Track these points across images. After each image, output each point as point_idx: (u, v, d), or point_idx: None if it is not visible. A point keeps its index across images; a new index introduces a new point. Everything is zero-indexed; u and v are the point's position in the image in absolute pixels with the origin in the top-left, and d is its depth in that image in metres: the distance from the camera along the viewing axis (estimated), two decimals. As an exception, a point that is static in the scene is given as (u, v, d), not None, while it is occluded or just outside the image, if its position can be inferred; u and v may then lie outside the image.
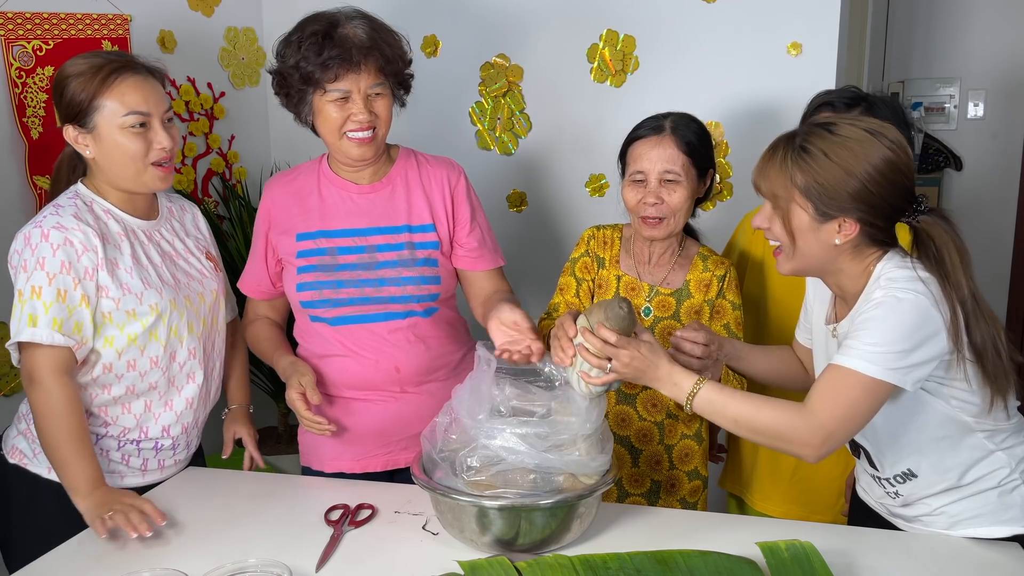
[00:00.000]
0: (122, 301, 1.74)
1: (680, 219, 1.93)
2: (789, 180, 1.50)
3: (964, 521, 1.61)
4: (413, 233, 1.97)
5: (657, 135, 1.91)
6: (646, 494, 2.04)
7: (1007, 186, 4.50)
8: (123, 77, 1.73)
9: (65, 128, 1.75)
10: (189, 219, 1.98)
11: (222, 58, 2.96)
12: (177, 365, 1.84)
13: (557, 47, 2.79)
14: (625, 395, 1.98)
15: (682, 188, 1.90)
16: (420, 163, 2.04)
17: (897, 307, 1.46)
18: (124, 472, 1.85)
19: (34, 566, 1.56)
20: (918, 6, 4.57)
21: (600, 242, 2.04)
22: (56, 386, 1.68)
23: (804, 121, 2.03)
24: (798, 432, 1.48)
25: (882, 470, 1.65)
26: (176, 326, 1.81)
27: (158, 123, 1.76)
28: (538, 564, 1.42)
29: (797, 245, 1.54)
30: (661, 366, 1.57)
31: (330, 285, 1.94)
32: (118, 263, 1.75)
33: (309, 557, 1.57)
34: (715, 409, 1.54)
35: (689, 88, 2.67)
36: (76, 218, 1.71)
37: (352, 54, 1.83)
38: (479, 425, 1.55)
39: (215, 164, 2.96)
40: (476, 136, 2.93)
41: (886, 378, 1.44)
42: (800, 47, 2.56)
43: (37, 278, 1.67)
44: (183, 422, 1.88)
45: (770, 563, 1.42)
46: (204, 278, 1.91)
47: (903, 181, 1.49)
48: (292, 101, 1.93)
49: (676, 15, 2.66)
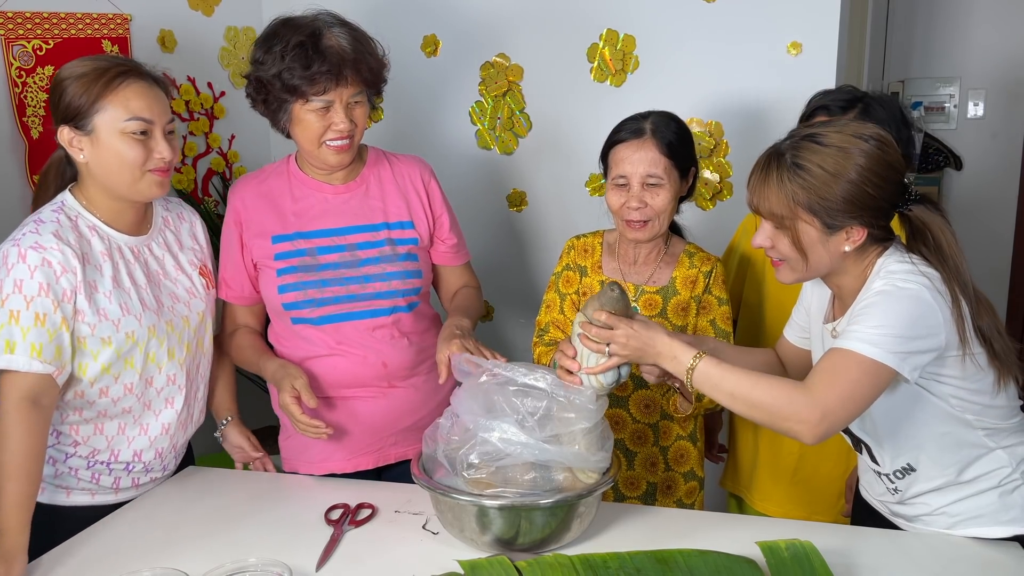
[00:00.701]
0: (97, 327, 1.66)
1: (664, 220, 1.93)
2: (791, 199, 1.49)
3: (965, 521, 1.61)
4: (392, 230, 1.99)
5: (638, 138, 1.90)
6: (642, 496, 2.03)
7: (1007, 186, 4.50)
8: (128, 82, 1.68)
9: (60, 130, 1.69)
10: (186, 229, 1.91)
11: (222, 57, 2.96)
12: (154, 391, 1.78)
13: (557, 47, 2.79)
14: (617, 398, 1.98)
15: (665, 190, 1.90)
16: (391, 162, 2.06)
17: (899, 295, 1.46)
18: (95, 490, 1.78)
19: (34, 567, 1.56)
20: (918, 6, 4.57)
21: (580, 251, 2.05)
22: (16, 417, 1.57)
23: (802, 122, 2.03)
24: (795, 407, 1.45)
25: (882, 465, 1.65)
26: (154, 353, 1.75)
27: (159, 133, 1.71)
28: (538, 563, 1.42)
29: (809, 260, 1.54)
30: (659, 339, 1.56)
31: (314, 285, 1.93)
32: (97, 286, 1.68)
33: (309, 557, 1.57)
34: (713, 383, 1.52)
35: (689, 88, 2.68)
36: (56, 237, 1.63)
37: (340, 68, 1.83)
38: (477, 420, 1.55)
39: (215, 163, 2.96)
40: (476, 135, 2.93)
41: (886, 360, 1.44)
42: (800, 47, 2.55)
43: (14, 302, 1.59)
44: (157, 447, 1.82)
45: (770, 563, 1.42)
46: (192, 299, 1.84)
47: (893, 176, 1.50)
48: (270, 108, 1.91)
49: (676, 15, 2.66)
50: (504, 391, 1.57)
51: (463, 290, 2.13)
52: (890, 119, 1.92)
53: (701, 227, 2.73)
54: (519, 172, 2.93)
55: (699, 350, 1.55)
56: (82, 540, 1.65)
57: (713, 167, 2.70)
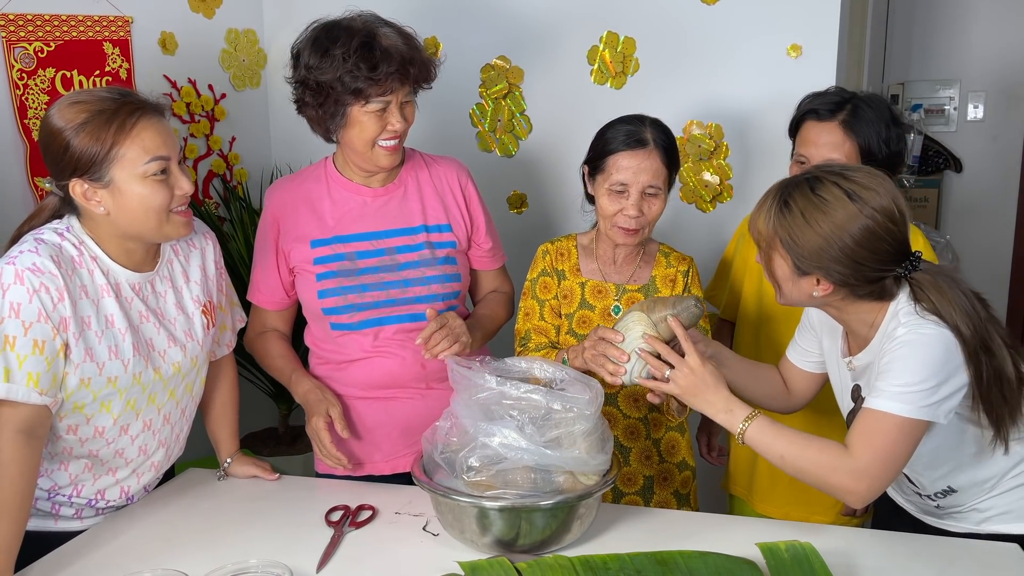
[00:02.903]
0: (81, 367, 1.55)
1: (652, 228, 1.96)
2: (772, 231, 1.53)
3: (994, 518, 1.64)
4: (430, 233, 1.98)
5: (643, 148, 1.89)
6: (640, 491, 2.04)
7: (1007, 187, 4.51)
8: (140, 120, 1.54)
9: (71, 185, 1.54)
10: (196, 259, 1.78)
11: (223, 60, 2.96)
12: (128, 438, 1.68)
13: (557, 49, 2.79)
14: (607, 396, 1.99)
15: (661, 199, 1.92)
16: (428, 163, 2.05)
17: (922, 343, 1.47)
18: (56, 517, 1.70)
19: (34, 567, 1.56)
20: (917, 8, 4.58)
21: (555, 255, 2.04)
22: (13, 451, 1.49)
23: (791, 129, 2.03)
24: (840, 477, 1.50)
25: (922, 488, 1.69)
26: (134, 400, 1.64)
27: (175, 166, 1.59)
28: (538, 565, 1.42)
29: (783, 291, 1.59)
30: (720, 391, 1.59)
31: (354, 290, 1.92)
32: (90, 323, 1.56)
33: (310, 558, 1.57)
34: (765, 442, 1.56)
35: (689, 90, 2.68)
36: (54, 262, 1.51)
37: (405, 67, 1.83)
38: (477, 424, 1.55)
39: (216, 166, 2.96)
40: (477, 138, 2.94)
41: (919, 416, 1.46)
42: (800, 49, 2.56)
43: (10, 326, 1.47)
44: (124, 485, 1.74)
45: (770, 564, 1.42)
46: (188, 342, 1.72)
47: (883, 247, 1.49)
48: (327, 112, 1.87)
49: (676, 17, 2.66)
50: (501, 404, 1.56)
51: (490, 295, 2.12)
52: (878, 119, 1.93)
53: (701, 229, 2.74)
54: (519, 174, 2.93)
55: (753, 409, 1.58)
56: (83, 541, 1.65)
57: (713, 169, 2.71)
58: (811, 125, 1.96)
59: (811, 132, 1.96)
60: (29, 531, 1.58)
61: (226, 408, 1.99)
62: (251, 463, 1.95)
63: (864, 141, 1.92)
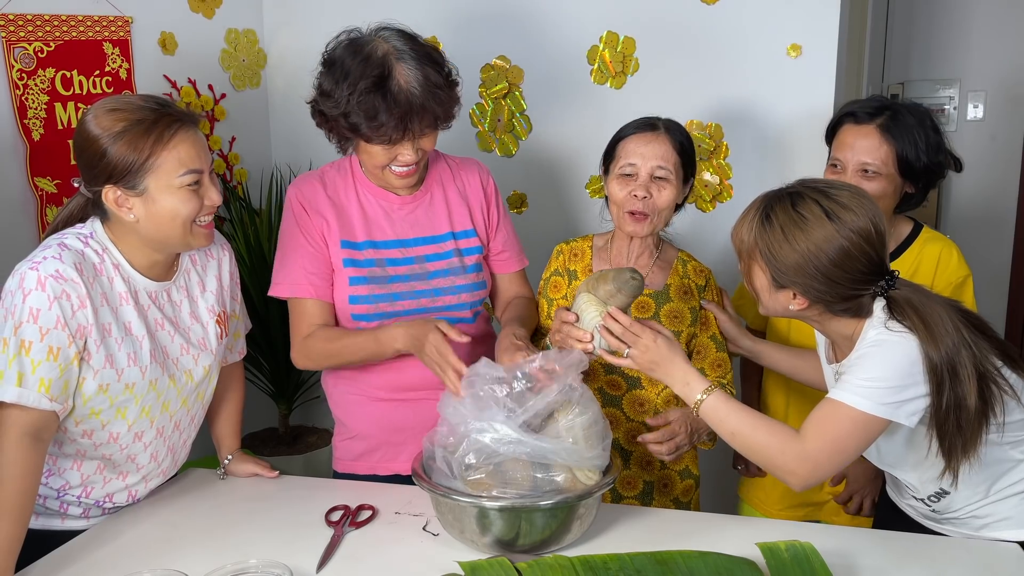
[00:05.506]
0: (101, 373, 1.57)
1: (663, 219, 1.94)
2: (753, 243, 1.55)
3: (993, 524, 1.64)
4: (458, 240, 1.98)
5: (652, 132, 1.91)
6: (639, 496, 2.03)
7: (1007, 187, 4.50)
8: (178, 133, 1.55)
9: (104, 192, 1.56)
10: (213, 269, 1.80)
11: (223, 60, 2.96)
12: (141, 445, 1.70)
13: (557, 49, 2.79)
14: (611, 397, 1.98)
15: (671, 187, 1.90)
16: (452, 167, 2.04)
17: (891, 343, 1.49)
18: (63, 516, 1.72)
19: (34, 567, 1.56)
20: (918, 8, 4.57)
21: (569, 255, 2.05)
22: (17, 453, 1.50)
23: (828, 134, 2.01)
24: (786, 459, 1.52)
25: (916, 491, 1.70)
26: (149, 407, 1.66)
27: (207, 177, 1.61)
28: (538, 565, 1.42)
29: (761, 300, 1.61)
30: (677, 362, 1.62)
31: (386, 299, 1.91)
32: (110, 330, 1.58)
33: (310, 558, 1.57)
34: (718, 418, 1.58)
35: (689, 90, 2.68)
36: (77, 269, 1.53)
37: (407, 118, 1.75)
38: (467, 421, 1.56)
39: (216, 166, 2.96)
40: (477, 138, 2.94)
41: (877, 412, 1.47)
42: (800, 49, 2.56)
43: (27, 331, 1.49)
44: (133, 490, 1.76)
45: (770, 564, 1.42)
46: (202, 352, 1.74)
47: (858, 267, 1.50)
48: (334, 135, 1.86)
49: (676, 17, 2.66)
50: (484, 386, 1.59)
51: (517, 300, 2.08)
52: (918, 126, 1.91)
53: (701, 229, 2.74)
54: (520, 174, 2.93)
55: (711, 384, 1.60)
56: (83, 541, 1.65)
57: (713, 169, 2.71)
58: (848, 128, 1.93)
59: (847, 135, 1.93)
60: (35, 529, 1.61)
61: (232, 410, 2.00)
62: (251, 461, 1.96)
63: (901, 147, 1.89)
